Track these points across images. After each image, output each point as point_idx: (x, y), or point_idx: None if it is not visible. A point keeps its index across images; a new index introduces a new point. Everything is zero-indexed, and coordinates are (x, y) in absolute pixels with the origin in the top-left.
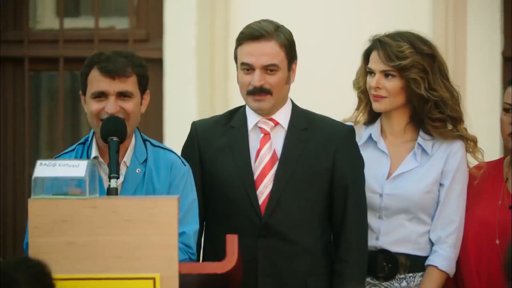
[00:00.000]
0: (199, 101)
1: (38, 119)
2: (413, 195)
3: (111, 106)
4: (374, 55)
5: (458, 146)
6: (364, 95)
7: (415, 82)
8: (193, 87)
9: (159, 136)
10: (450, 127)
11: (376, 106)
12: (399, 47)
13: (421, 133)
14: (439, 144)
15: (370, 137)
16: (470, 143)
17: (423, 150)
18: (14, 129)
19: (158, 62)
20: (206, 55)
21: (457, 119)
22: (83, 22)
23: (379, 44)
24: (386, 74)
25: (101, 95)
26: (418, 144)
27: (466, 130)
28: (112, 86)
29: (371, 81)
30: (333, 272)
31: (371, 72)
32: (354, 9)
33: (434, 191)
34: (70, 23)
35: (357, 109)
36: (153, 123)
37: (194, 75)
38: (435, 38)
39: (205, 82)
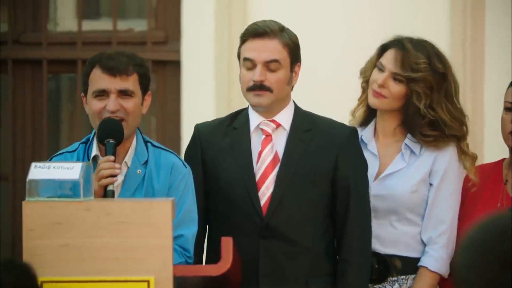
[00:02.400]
0: (217, 103)
1: (57, 121)
2: (399, 195)
3: (112, 104)
4: (390, 54)
5: (447, 147)
6: (367, 85)
7: (418, 96)
8: (211, 89)
9: (177, 138)
10: (443, 140)
11: (374, 102)
12: (416, 58)
13: (409, 135)
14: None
15: (360, 139)
16: (468, 158)
17: (411, 151)
18: (33, 132)
19: (176, 64)
20: (224, 57)
21: (460, 137)
22: (102, 24)
23: (400, 46)
24: (394, 78)
25: (102, 93)
26: (405, 144)
27: (468, 147)
28: (113, 84)
29: (378, 77)
30: (336, 272)
31: (380, 68)
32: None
33: (422, 191)
34: (89, 25)
35: (359, 99)
36: (171, 125)
37: (212, 77)
38: (452, 40)
39: (223, 84)
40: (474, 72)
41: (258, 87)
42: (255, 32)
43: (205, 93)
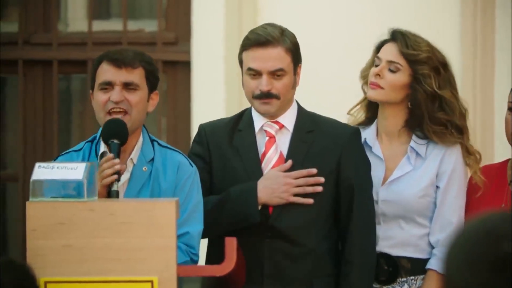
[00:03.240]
0: (227, 103)
1: (67, 121)
2: (407, 201)
3: (116, 95)
4: (386, 46)
5: (453, 147)
6: (367, 87)
7: (426, 77)
8: (222, 89)
9: (187, 138)
10: (451, 134)
11: (371, 94)
12: (417, 40)
13: (414, 137)
14: (433, 146)
15: (364, 142)
16: (472, 159)
17: (417, 154)
18: (43, 132)
19: (186, 65)
20: (234, 58)
21: (463, 130)
22: (112, 25)
23: (397, 35)
24: (390, 69)
25: (107, 85)
26: (411, 147)
27: (469, 139)
28: (118, 75)
29: (375, 69)
30: (339, 273)
31: (377, 64)
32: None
33: (430, 194)
34: (99, 25)
35: (359, 103)
36: (181, 125)
37: (222, 77)
38: (462, 39)
39: (233, 85)
40: (483, 74)
41: (265, 96)
42: (257, 41)
43: (215, 93)
